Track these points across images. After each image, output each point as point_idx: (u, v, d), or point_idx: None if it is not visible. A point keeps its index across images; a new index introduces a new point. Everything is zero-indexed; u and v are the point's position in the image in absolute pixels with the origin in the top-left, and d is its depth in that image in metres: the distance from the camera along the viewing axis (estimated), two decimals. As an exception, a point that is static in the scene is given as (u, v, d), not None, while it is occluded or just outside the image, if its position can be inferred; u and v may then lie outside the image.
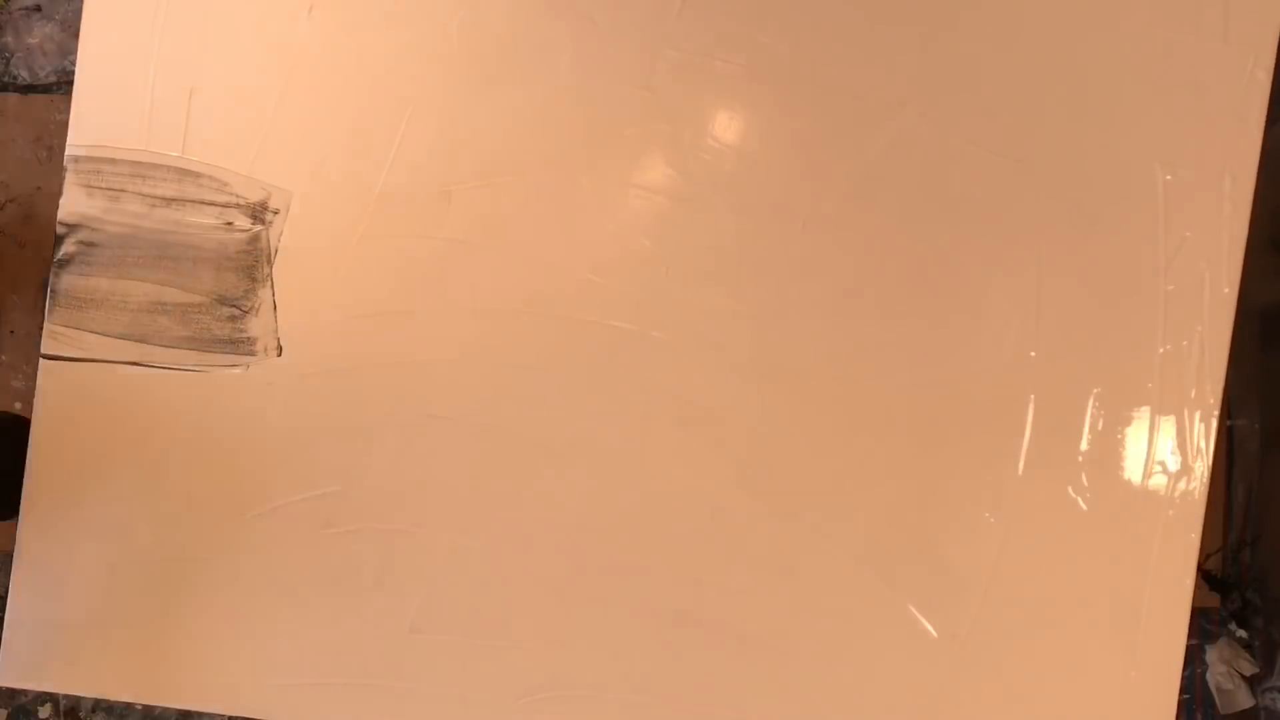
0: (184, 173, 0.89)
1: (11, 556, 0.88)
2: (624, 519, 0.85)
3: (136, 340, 0.89)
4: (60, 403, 0.89)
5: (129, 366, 0.89)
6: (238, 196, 0.89)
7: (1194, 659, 0.74)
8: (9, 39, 1.54)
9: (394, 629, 0.85)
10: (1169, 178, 0.83)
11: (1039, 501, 0.82)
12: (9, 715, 1.39)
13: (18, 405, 1.44)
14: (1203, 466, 0.82)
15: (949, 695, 0.82)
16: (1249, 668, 1.30)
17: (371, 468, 0.86)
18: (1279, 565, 1.28)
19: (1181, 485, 0.82)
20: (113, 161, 0.89)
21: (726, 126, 0.86)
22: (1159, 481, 0.82)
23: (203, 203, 0.89)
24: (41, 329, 0.90)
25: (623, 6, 0.86)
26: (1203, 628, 1.33)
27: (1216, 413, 0.83)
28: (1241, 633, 1.33)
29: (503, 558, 0.85)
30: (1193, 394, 0.83)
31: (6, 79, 1.52)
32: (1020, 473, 0.82)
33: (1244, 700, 1.30)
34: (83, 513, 0.89)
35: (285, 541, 0.86)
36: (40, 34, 1.59)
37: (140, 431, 0.88)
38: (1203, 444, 0.83)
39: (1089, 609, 0.82)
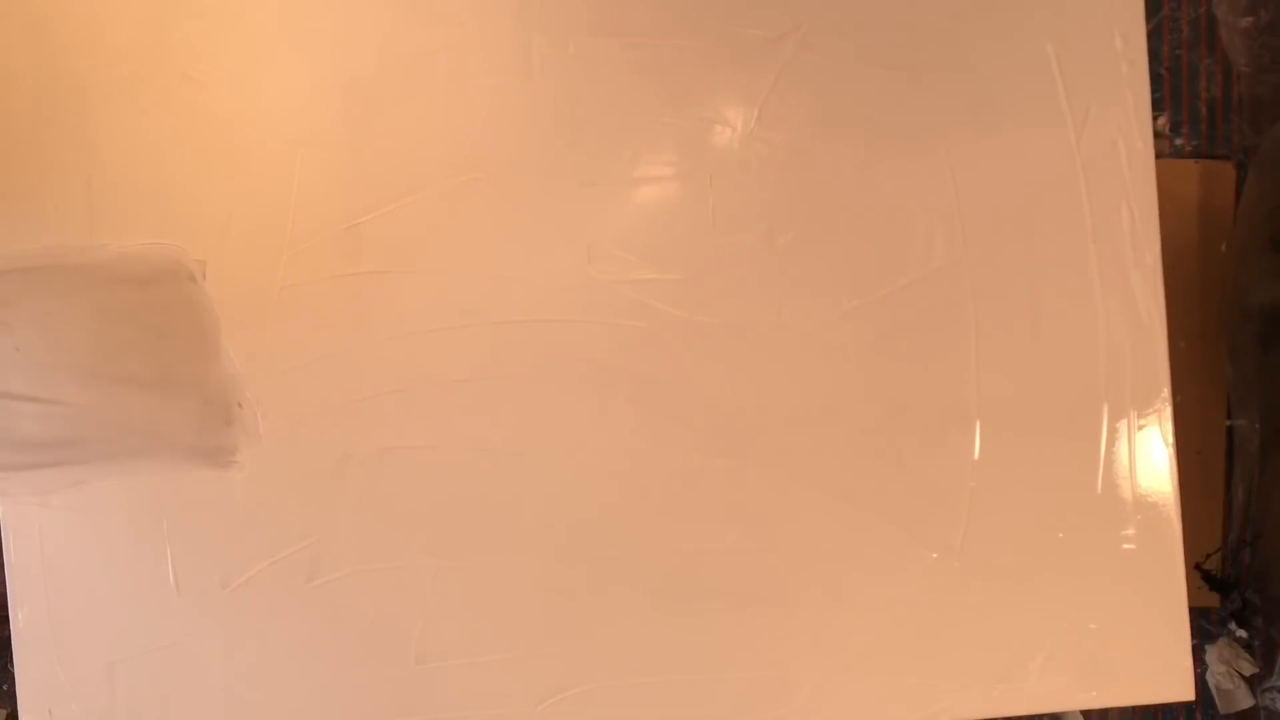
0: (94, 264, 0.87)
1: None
2: (601, 506, 0.84)
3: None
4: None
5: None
6: (154, 271, 0.88)
7: (1194, 659, 0.75)
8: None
9: (400, 664, 0.85)
10: (1060, 52, 0.82)
11: (1003, 402, 0.82)
12: (8, 715, 1.39)
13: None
14: (1154, 320, 0.82)
15: (953, 610, 0.82)
16: (1249, 668, 1.31)
17: (341, 512, 0.86)
18: (1279, 565, 1.27)
19: (1142, 348, 0.82)
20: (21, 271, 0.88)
21: (610, 98, 0.85)
22: (1117, 349, 0.82)
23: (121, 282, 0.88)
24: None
25: (487, 3, 0.85)
26: (1203, 628, 1.34)
27: (1159, 273, 0.83)
28: (1241, 633, 1.33)
29: (490, 570, 0.85)
30: (1130, 257, 0.82)
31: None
32: (977, 377, 0.82)
33: (1244, 700, 1.31)
34: (74, 614, 0.88)
35: (273, 603, 0.86)
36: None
37: (108, 521, 0.88)
38: (1150, 305, 0.82)
39: (1074, 498, 0.82)
